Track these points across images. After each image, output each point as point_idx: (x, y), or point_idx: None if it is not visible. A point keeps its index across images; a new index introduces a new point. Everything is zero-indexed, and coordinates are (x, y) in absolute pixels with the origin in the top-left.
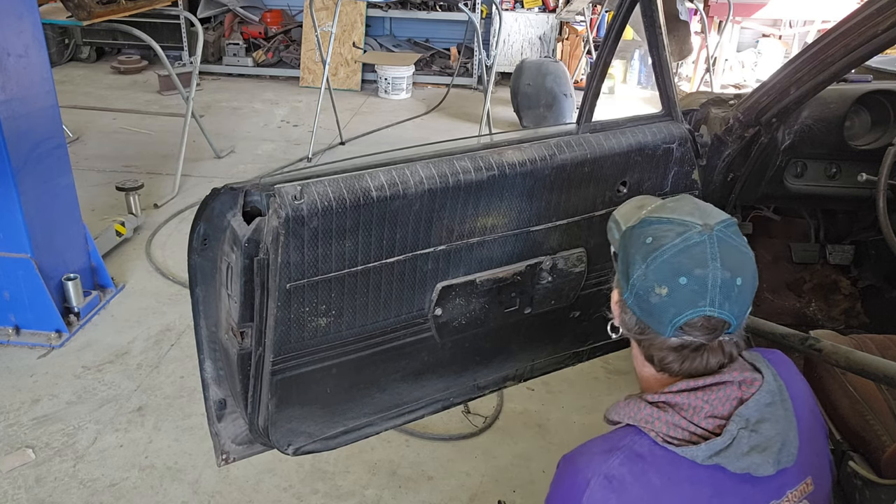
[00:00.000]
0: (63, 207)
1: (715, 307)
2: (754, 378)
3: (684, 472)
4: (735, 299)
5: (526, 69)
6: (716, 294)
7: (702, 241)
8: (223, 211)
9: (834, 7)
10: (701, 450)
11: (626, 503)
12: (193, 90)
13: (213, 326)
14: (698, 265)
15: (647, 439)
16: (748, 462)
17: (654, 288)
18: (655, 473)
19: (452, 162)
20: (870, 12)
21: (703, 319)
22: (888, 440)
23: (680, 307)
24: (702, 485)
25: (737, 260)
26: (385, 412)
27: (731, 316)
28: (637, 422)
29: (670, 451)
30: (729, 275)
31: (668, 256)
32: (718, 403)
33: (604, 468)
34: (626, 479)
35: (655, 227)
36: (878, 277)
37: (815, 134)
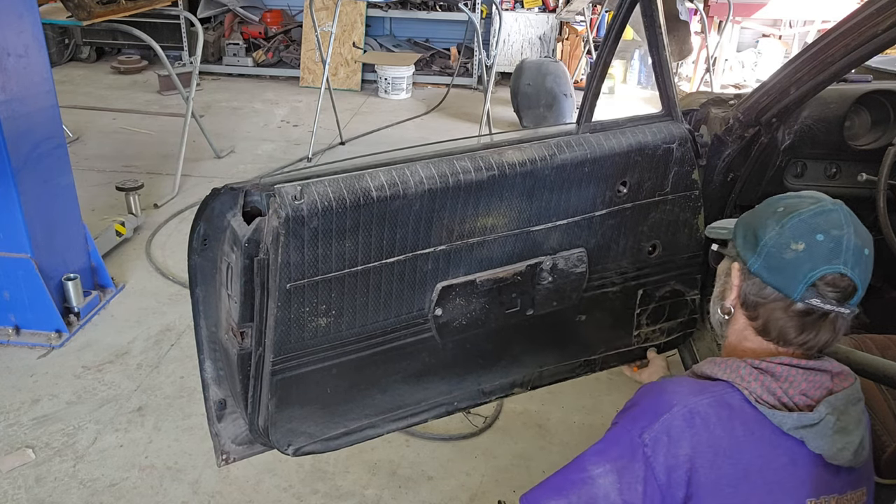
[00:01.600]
0: (63, 207)
1: (849, 267)
2: (848, 374)
3: (768, 434)
4: (864, 267)
5: (526, 69)
6: (849, 255)
7: (836, 209)
8: (223, 211)
9: (834, 7)
10: (791, 418)
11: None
12: (193, 90)
13: (213, 326)
14: (834, 227)
15: (738, 395)
16: (829, 443)
17: (791, 244)
18: (741, 425)
19: (452, 162)
20: (870, 12)
21: (837, 277)
22: (888, 440)
23: (816, 262)
24: (781, 449)
25: (865, 234)
26: (386, 414)
27: (860, 283)
28: (733, 379)
29: (760, 410)
30: (860, 242)
31: (805, 216)
32: (812, 385)
33: (691, 401)
34: (711, 420)
35: (785, 201)
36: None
37: (815, 134)
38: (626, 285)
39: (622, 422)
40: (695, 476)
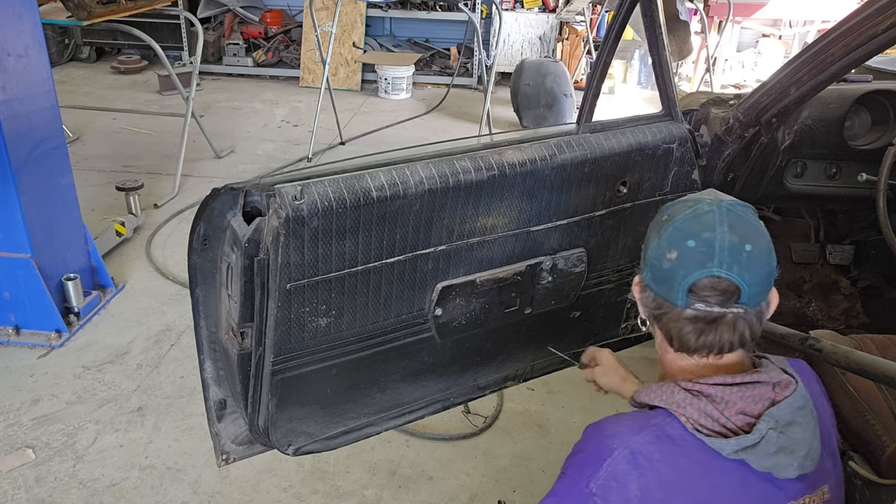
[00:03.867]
0: (63, 207)
1: (723, 268)
2: (789, 382)
3: (711, 461)
4: (745, 264)
5: (526, 69)
6: (724, 256)
7: (710, 210)
8: (223, 211)
9: (834, 7)
10: (729, 443)
11: (650, 481)
12: (193, 90)
13: (213, 326)
14: (706, 229)
15: (677, 423)
16: (773, 462)
17: (666, 253)
18: (685, 458)
19: (452, 162)
20: (870, 12)
21: (712, 280)
22: (888, 440)
23: (689, 268)
24: (729, 475)
25: (747, 229)
26: (385, 412)
27: (742, 281)
28: (669, 405)
29: (699, 438)
30: (737, 239)
31: (678, 223)
32: (752, 401)
33: (631, 442)
34: (654, 457)
35: (670, 209)
36: (878, 277)
37: (815, 134)
38: (621, 282)
39: (570, 471)
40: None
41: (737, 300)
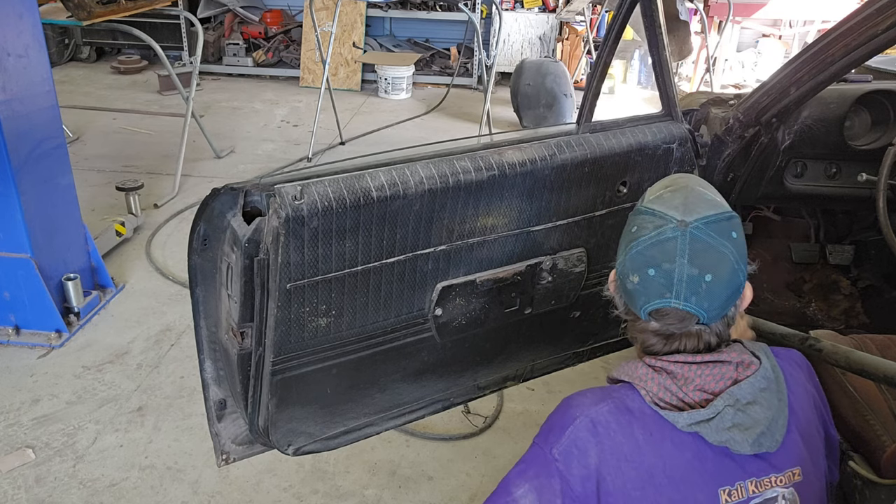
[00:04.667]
0: (63, 207)
1: (680, 300)
2: (752, 362)
3: (667, 433)
4: (703, 295)
5: (526, 69)
6: (682, 288)
7: (674, 237)
8: (223, 211)
9: (834, 7)
10: (683, 416)
11: (606, 449)
12: (193, 90)
13: (213, 326)
14: (666, 259)
15: (638, 396)
16: (727, 437)
17: (629, 275)
18: (640, 428)
19: (452, 162)
20: (870, 12)
21: (670, 310)
22: (888, 440)
23: (649, 296)
24: (683, 447)
25: (708, 258)
26: (385, 412)
27: (700, 309)
28: (632, 379)
29: (656, 410)
30: (697, 271)
31: (642, 248)
32: (711, 380)
33: (592, 412)
34: (612, 427)
35: (642, 217)
36: (878, 277)
37: (815, 134)
38: None
39: (537, 440)
40: (602, 485)
41: (697, 322)
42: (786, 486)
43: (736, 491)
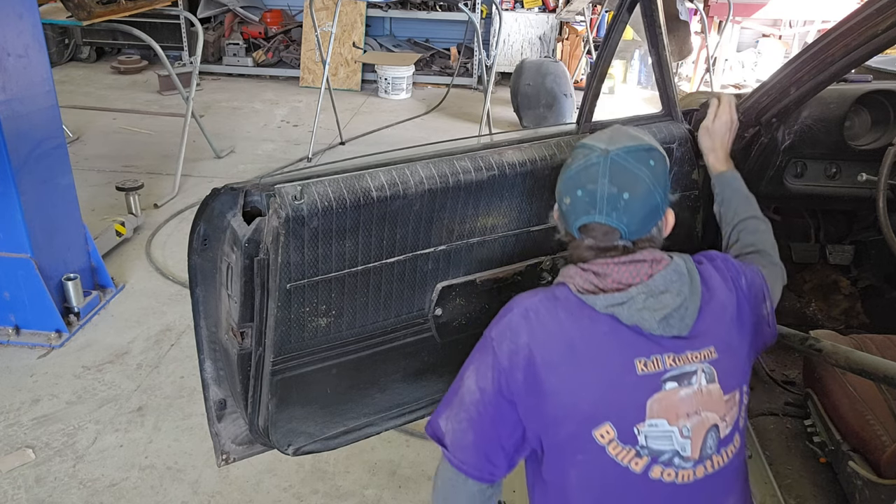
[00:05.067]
0: (63, 207)
1: (603, 215)
2: (664, 258)
3: (587, 313)
4: (622, 211)
5: (526, 69)
6: (603, 205)
7: (597, 163)
8: (223, 211)
9: (834, 7)
10: (600, 299)
11: (535, 329)
12: (193, 90)
13: (213, 326)
14: (591, 181)
15: (566, 288)
16: (637, 317)
17: (563, 198)
18: (564, 310)
19: (452, 162)
20: (870, 12)
21: (595, 225)
22: (888, 440)
23: (577, 214)
24: (600, 323)
25: (626, 179)
26: (385, 412)
27: (620, 224)
28: (564, 278)
29: (580, 297)
30: (616, 190)
31: (572, 173)
32: (628, 275)
33: (526, 302)
34: (541, 312)
35: (576, 151)
36: (878, 277)
37: (815, 134)
38: None
39: (485, 333)
40: (532, 359)
41: (619, 237)
42: (702, 361)
43: (652, 362)
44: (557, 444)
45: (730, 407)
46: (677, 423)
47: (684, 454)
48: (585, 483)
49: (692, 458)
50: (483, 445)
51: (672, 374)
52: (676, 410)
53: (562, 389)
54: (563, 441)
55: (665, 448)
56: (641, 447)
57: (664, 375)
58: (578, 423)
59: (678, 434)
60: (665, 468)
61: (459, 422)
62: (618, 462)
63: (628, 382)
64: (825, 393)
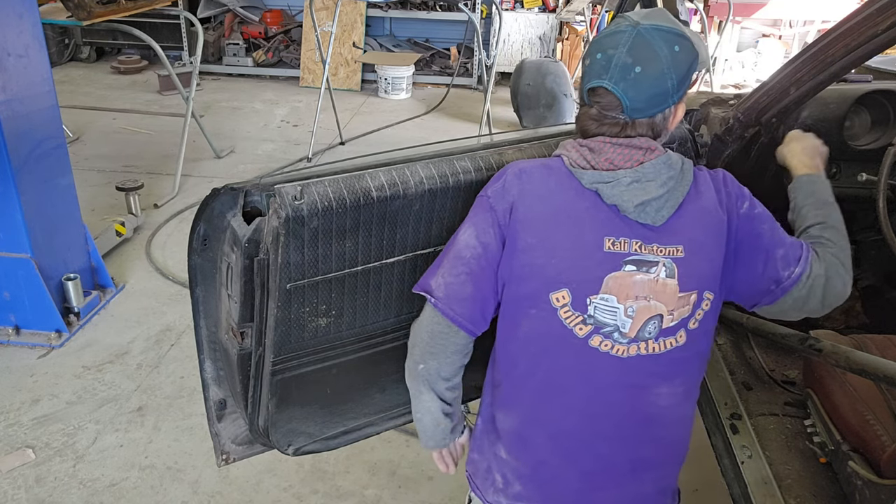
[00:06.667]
0: (63, 207)
1: (612, 83)
2: (657, 148)
3: (574, 185)
4: (630, 83)
5: (526, 69)
6: (615, 73)
7: (623, 31)
8: (223, 211)
9: (834, 7)
10: (588, 174)
11: (525, 188)
12: (193, 90)
13: (213, 326)
14: (612, 46)
15: (560, 161)
16: (618, 198)
17: (586, 60)
18: (555, 179)
19: (452, 162)
20: (870, 12)
21: (602, 90)
22: (888, 440)
23: (590, 76)
24: (584, 198)
25: (644, 53)
26: (385, 412)
27: (625, 96)
28: (561, 151)
29: (570, 170)
30: (630, 61)
31: (600, 38)
32: (620, 157)
33: (521, 165)
34: (534, 175)
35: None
36: (878, 277)
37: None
38: None
39: (479, 192)
40: (514, 212)
41: (621, 111)
42: (667, 256)
43: (619, 243)
44: (517, 297)
45: (681, 304)
46: (625, 302)
47: (623, 330)
48: (532, 335)
49: (629, 336)
50: (480, 298)
51: (633, 259)
52: (627, 291)
53: (534, 250)
54: (521, 296)
55: (609, 321)
56: (589, 316)
57: (626, 258)
58: (541, 283)
59: (623, 312)
60: (604, 339)
61: (457, 275)
62: (565, 324)
63: (595, 257)
64: (825, 393)
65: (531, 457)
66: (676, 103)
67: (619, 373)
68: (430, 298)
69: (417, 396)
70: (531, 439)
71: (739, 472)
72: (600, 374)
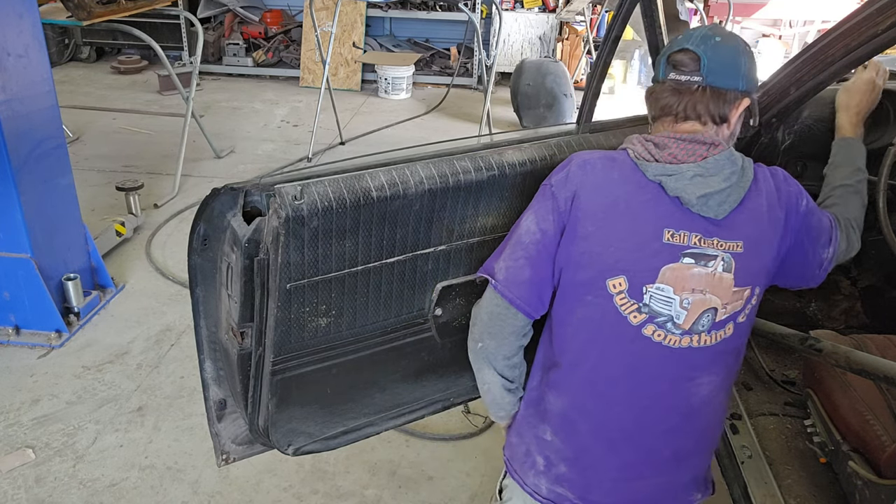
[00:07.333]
0: (63, 207)
1: (692, 45)
2: (721, 143)
3: (637, 177)
4: (711, 47)
5: (526, 69)
6: (696, 39)
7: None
8: (223, 211)
9: (834, 7)
10: (652, 166)
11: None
12: (193, 90)
13: (213, 326)
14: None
15: (625, 153)
16: (682, 189)
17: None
18: (617, 170)
19: (452, 162)
20: (870, 12)
21: (682, 52)
22: (888, 440)
23: (671, 47)
24: (646, 190)
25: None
26: (385, 412)
27: (703, 55)
28: (626, 144)
29: (635, 162)
30: (711, 33)
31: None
32: (684, 153)
33: (586, 156)
34: (598, 167)
35: None
36: (878, 277)
37: (815, 134)
38: None
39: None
40: (576, 202)
41: (697, 69)
42: (726, 251)
43: (679, 235)
44: (573, 283)
45: (735, 299)
46: (681, 294)
47: (678, 321)
48: (586, 320)
49: (682, 327)
50: (538, 282)
51: (692, 252)
52: (684, 283)
53: (593, 237)
54: (579, 282)
55: (663, 311)
56: (644, 304)
57: (685, 250)
58: (598, 270)
59: (678, 303)
60: (657, 328)
61: (516, 259)
62: (620, 311)
63: (652, 247)
64: (825, 393)
65: (576, 442)
66: (741, 94)
67: (667, 363)
68: (491, 281)
69: (479, 372)
70: (577, 425)
71: (739, 472)
72: (649, 364)
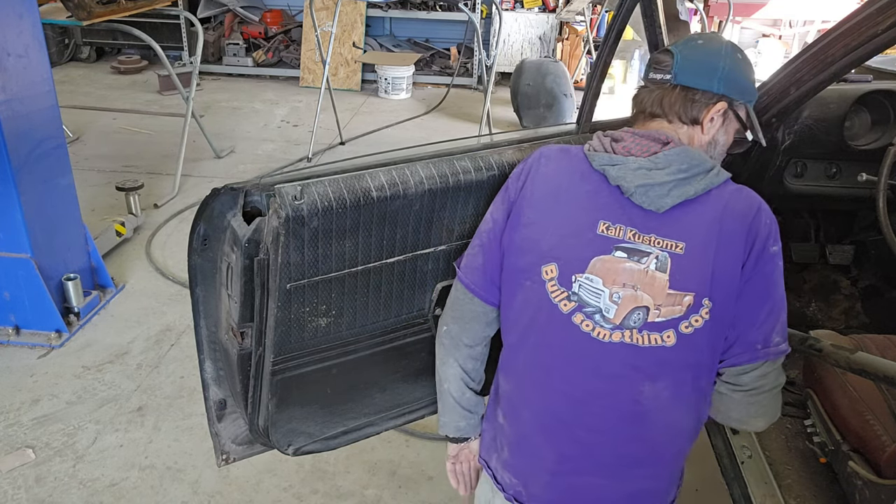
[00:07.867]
0: (63, 207)
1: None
2: (675, 142)
3: (584, 168)
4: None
5: (526, 69)
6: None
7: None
8: (223, 211)
9: (834, 7)
10: (598, 156)
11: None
12: (193, 90)
13: (213, 326)
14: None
15: (580, 147)
16: (622, 178)
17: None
18: (566, 161)
19: (452, 162)
20: (870, 12)
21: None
22: (888, 440)
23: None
24: (589, 180)
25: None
26: (385, 412)
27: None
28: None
29: (586, 154)
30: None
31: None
32: (637, 147)
33: (545, 150)
34: (551, 158)
35: None
36: (878, 277)
37: (815, 134)
38: None
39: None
40: (523, 191)
41: (669, 68)
42: (663, 249)
43: (615, 229)
44: (515, 268)
45: (671, 302)
46: (611, 287)
47: (607, 315)
48: (526, 304)
49: (613, 321)
50: (490, 268)
51: (625, 246)
52: (615, 277)
53: (534, 225)
54: (520, 267)
55: (592, 302)
56: (573, 293)
57: (618, 243)
58: (535, 256)
59: (608, 296)
60: (586, 318)
61: (473, 247)
62: (551, 298)
63: (586, 237)
64: (825, 393)
65: (519, 427)
66: (716, 96)
67: (599, 357)
68: (457, 269)
69: (441, 366)
70: (519, 410)
71: (739, 472)
72: (584, 356)
